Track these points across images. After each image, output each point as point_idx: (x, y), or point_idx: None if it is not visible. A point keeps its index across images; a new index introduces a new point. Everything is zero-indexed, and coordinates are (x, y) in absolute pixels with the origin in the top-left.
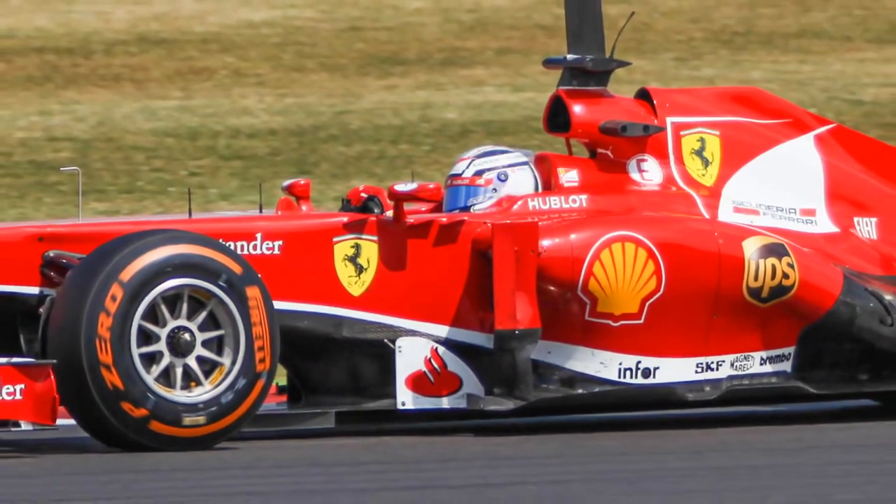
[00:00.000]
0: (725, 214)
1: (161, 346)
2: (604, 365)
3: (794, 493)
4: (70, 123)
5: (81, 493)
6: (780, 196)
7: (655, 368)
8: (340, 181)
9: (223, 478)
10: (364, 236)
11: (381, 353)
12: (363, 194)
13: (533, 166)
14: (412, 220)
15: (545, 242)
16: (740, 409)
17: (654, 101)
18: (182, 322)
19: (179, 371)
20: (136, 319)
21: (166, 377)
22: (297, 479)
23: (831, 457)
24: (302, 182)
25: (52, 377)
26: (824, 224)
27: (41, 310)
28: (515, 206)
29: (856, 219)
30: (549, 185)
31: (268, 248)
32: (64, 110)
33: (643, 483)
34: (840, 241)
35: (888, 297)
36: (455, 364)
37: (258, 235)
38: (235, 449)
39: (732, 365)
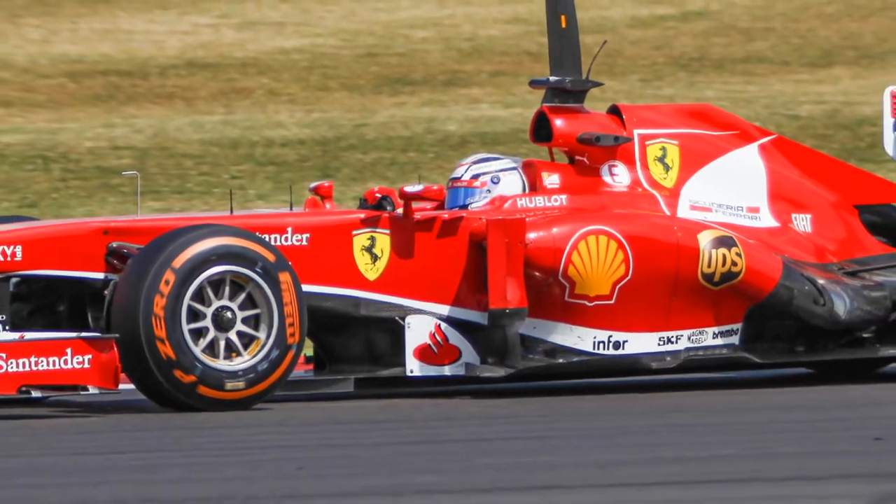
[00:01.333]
0: (683, 211)
1: (207, 322)
2: (580, 339)
3: (741, 446)
4: (130, 135)
5: (139, 447)
6: (729, 196)
7: (624, 341)
8: (358, 183)
9: (259, 434)
10: (378, 230)
11: (392, 329)
12: (377, 194)
13: (521, 171)
14: (419, 217)
15: (531, 235)
16: (696, 376)
17: (623, 116)
18: (225, 302)
19: (222, 344)
20: (186, 300)
21: (211, 349)
22: (322, 435)
23: (772, 416)
24: (326, 184)
25: (115, 349)
26: (767, 220)
27: (106, 292)
28: (506, 205)
29: (793, 215)
30: (534, 186)
31: (297, 240)
32: (125, 124)
33: (614, 438)
34: (780, 235)
35: (821, 281)
36: (455, 338)
37: (289, 229)
38: (270, 409)
39: (689, 338)
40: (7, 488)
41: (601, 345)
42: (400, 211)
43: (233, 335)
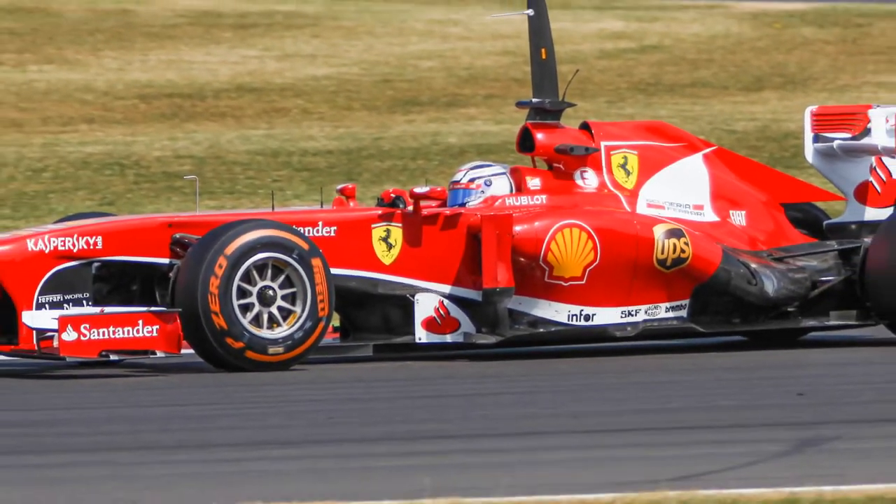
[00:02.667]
0: (641, 209)
1: (253, 299)
2: (557, 312)
3: (689, 400)
4: (190, 146)
5: (197, 400)
6: (678, 196)
7: (593, 314)
8: (376, 186)
9: (295, 390)
10: (392, 224)
11: (404, 304)
12: (392, 195)
13: (509, 175)
14: (426, 213)
15: (517, 228)
16: (651, 343)
17: (593, 131)
18: (267, 283)
19: (266, 316)
20: (236, 281)
21: (256, 320)
22: (347, 391)
23: (714, 375)
24: (350, 186)
25: (178, 321)
26: (709, 215)
27: (170, 274)
28: (497, 203)
29: (731, 212)
30: (520, 188)
31: (326, 232)
32: (185, 137)
33: (586, 393)
34: (720, 227)
35: (753, 266)
36: (455, 311)
37: (320, 223)
38: (304, 370)
39: (646, 312)
40: (90, 435)
41: (574, 317)
42: (410, 208)
43: (274, 309)
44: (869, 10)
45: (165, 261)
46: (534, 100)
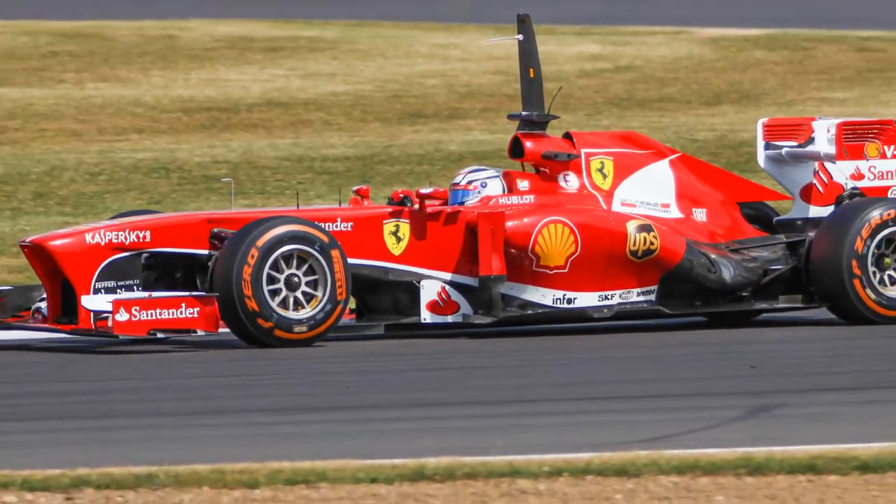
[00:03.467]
0: (616, 207)
1: (280, 285)
2: (543, 296)
3: (657, 372)
4: (226, 153)
5: (233, 372)
6: (648, 196)
7: (574, 298)
8: (387, 187)
9: (318, 363)
10: (401, 220)
11: (411, 289)
12: (401, 195)
13: (502, 178)
14: (430, 210)
15: (509, 223)
16: (624, 323)
17: (574, 140)
18: (293, 271)
19: (291, 300)
20: (266, 269)
21: (284, 303)
22: (361, 365)
23: (678, 350)
24: (364, 187)
25: (216, 303)
26: (675, 212)
27: (209, 263)
28: (491, 202)
29: (693, 209)
30: (511, 189)
31: (344, 227)
32: (222, 145)
33: (568, 366)
34: (684, 223)
35: (713, 256)
36: (455, 295)
37: (338, 219)
38: (325, 346)
39: (620, 296)
40: (141, 402)
41: (558, 300)
42: (416, 206)
43: (299, 294)
44: (813, 35)
45: (205, 252)
46: (523, 113)
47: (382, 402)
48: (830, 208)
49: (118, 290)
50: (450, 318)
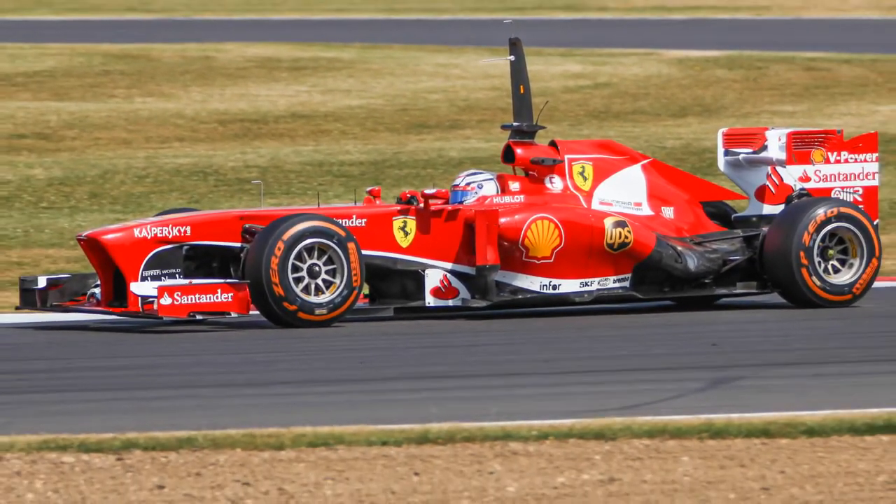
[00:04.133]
0: (595, 206)
1: (303, 273)
2: (532, 283)
3: (631, 349)
4: (256, 158)
5: (262, 348)
6: (623, 196)
7: (559, 285)
8: (396, 188)
9: (335, 341)
10: (408, 217)
11: (417, 277)
12: (408, 195)
13: (496, 181)
14: (434, 208)
15: (502, 220)
16: (602, 307)
17: (559, 147)
18: (314, 261)
19: (313, 286)
20: (291, 259)
21: (306, 289)
22: (374, 342)
23: (649, 330)
24: (376, 188)
25: (247, 289)
26: (646, 210)
27: (241, 254)
28: (486, 201)
29: (662, 208)
30: (504, 190)
31: (358, 223)
32: (253, 151)
33: (554, 343)
34: (654, 220)
35: (679, 248)
36: (455, 282)
37: (353, 216)
38: (342, 327)
39: (598, 283)
40: (180, 375)
41: (545, 287)
42: (422, 205)
43: (319, 281)
44: (766, 56)
45: (238, 244)
46: (514, 124)
47: (392, 375)
48: (781, 207)
49: (162, 278)
50: (450, 302)
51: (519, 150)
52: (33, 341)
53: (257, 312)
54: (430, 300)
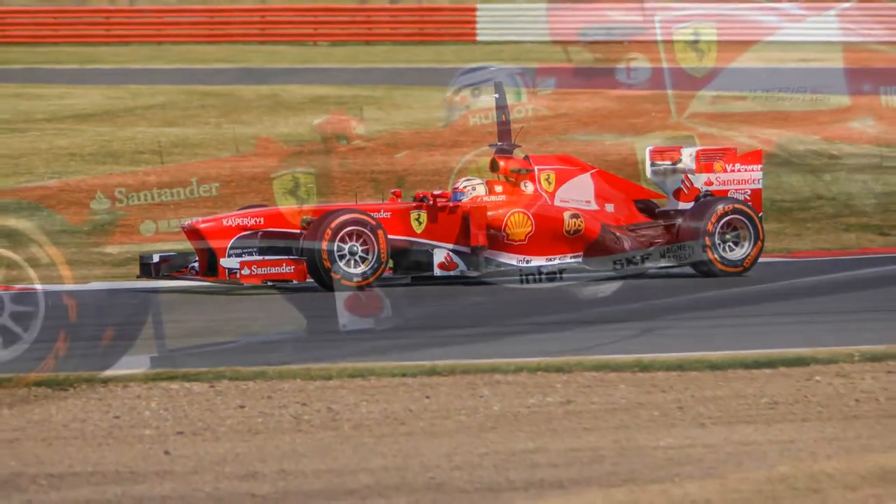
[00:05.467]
0: (557, 203)
1: (345, 252)
2: (511, 259)
3: (581, 308)
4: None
5: (313, 308)
6: (577, 196)
7: (530, 260)
8: (412, 190)
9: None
10: (421, 211)
11: (428, 255)
12: (421, 195)
13: (485, 185)
14: (440, 205)
15: (490, 213)
16: (563, 278)
17: (531, 160)
18: (353, 243)
19: (352, 262)
20: (336, 242)
21: (348, 263)
22: (395, 302)
23: (604, 303)
24: (398, 191)
25: (305, 264)
26: (594, 206)
27: (301, 238)
28: (478, 200)
29: (605, 204)
30: (491, 192)
31: (385, 215)
32: (308, 164)
33: (526, 304)
34: (600, 213)
35: (618, 234)
36: (456, 258)
37: (381, 210)
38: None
39: (559, 259)
40: (256, 324)
41: (521, 261)
42: (431, 202)
43: (356, 258)
44: (683, 94)
45: (298, 231)
46: (498, 143)
47: (409, 325)
48: (692, 204)
49: (243, 255)
50: (452, 273)
51: (502, 163)
52: (146, 301)
53: (312, 280)
54: (437, 271)
